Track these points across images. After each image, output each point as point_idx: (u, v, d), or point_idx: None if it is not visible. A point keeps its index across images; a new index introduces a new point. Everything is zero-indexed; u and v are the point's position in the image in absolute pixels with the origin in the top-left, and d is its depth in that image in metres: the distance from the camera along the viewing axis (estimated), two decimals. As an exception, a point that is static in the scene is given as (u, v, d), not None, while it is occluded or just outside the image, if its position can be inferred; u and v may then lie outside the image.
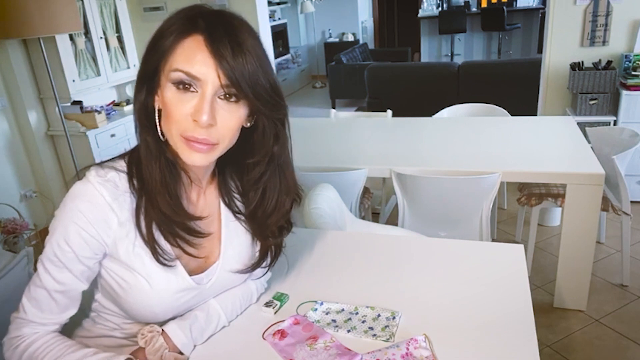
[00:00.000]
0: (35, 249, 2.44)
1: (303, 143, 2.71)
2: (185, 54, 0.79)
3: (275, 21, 7.09)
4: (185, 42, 0.79)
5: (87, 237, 0.84)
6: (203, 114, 0.78)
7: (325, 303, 1.09)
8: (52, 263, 0.86)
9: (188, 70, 0.78)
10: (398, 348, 0.93)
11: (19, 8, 2.57)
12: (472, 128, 2.70)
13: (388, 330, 0.98)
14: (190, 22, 0.80)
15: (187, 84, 0.79)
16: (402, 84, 5.10)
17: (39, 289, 0.88)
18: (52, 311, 0.89)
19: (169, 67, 0.80)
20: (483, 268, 1.19)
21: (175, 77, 0.79)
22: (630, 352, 1.99)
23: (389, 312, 1.04)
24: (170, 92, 0.80)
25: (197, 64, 0.78)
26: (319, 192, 1.65)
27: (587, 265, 2.14)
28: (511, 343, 0.93)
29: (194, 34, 0.79)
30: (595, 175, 1.99)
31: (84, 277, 0.89)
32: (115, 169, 0.88)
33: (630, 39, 3.16)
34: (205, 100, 0.78)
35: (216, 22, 0.80)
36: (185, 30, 0.79)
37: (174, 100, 0.80)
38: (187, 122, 0.80)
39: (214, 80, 0.78)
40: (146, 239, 0.88)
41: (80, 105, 3.29)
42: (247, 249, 1.03)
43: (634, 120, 2.97)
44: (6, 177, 3.16)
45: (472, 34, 7.68)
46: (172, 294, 0.92)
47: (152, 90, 0.85)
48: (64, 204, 0.85)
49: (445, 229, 2.23)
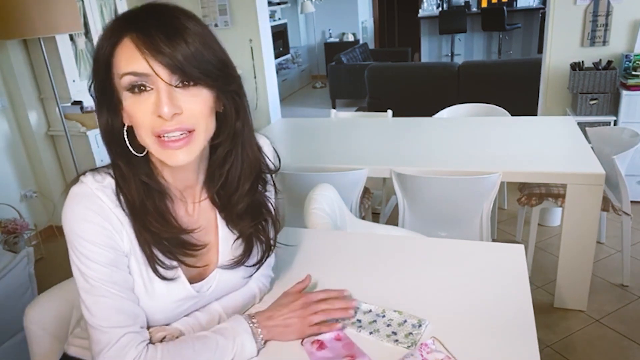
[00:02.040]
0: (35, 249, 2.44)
1: (303, 143, 2.71)
2: (124, 56, 0.78)
3: (275, 21, 7.09)
4: (120, 45, 0.78)
5: (102, 226, 0.83)
6: (163, 105, 0.77)
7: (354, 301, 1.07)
8: (90, 269, 0.83)
9: (133, 70, 0.77)
10: (413, 357, 0.92)
11: (19, 8, 2.57)
12: (473, 128, 2.70)
13: (411, 338, 0.96)
14: (119, 25, 0.79)
15: (140, 85, 0.78)
16: (402, 84, 5.10)
17: (101, 299, 0.83)
18: (131, 311, 0.86)
19: (117, 75, 0.79)
20: (483, 268, 1.19)
21: (126, 82, 0.78)
22: (631, 352, 1.99)
23: (415, 320, 1.01)
24: (128, 99, 0.79)
25: (137, 61, 0.76)
26: (319, 192, 1.65)
27: (587, 265, 2.14)
28: (511, 343, 0.93)
29: (126, 35, 0.78)
30: (596, 175, 1.99)
31: (123, 265, 0.86)
32: (111, 176, 0.86)
33: (630, 39, 3.16)
34: (161, 93, 0.77)
35: (144, 16, 0.79)
36: (116, 35, 0.79)
37: (134, 105, 0.79)
38: (154, 120, 0.79)
39: (161, 71, 0.77)
40: (146, 253, 0.86)
41: (80, 105, 3.29)
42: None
43: (634, 120, 2.96)
44: (6, 177, 3.16)
45: (473, 34, 7.68)
46: (173, 303, 0.91)
47: (114, 108, 0.83)
48: (65, 212, 0.83)
49: (446, 229, 2.23)
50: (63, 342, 1.10)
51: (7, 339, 1.94)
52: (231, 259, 0.98)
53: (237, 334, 0.90)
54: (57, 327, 1.14)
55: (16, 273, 2.02)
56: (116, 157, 0.86)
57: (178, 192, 0.93)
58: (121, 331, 0.83)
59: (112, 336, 0.82)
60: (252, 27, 3.83)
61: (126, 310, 0.85)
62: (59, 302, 1.15)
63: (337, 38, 8.20)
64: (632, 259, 2.46)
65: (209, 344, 0.87)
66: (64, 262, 0.88)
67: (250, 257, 1.00)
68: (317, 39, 8.30)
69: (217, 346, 0.87)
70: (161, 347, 0.85)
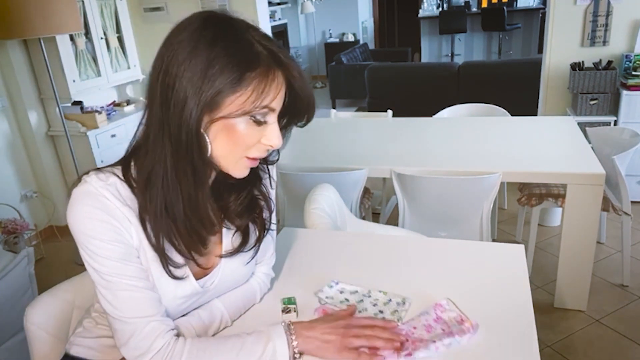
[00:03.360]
0: (35, 250, 2.44)
1: (303, 143, 2.71)
2: (273, 91, 0.81)
3: (275, 21, 7.09)
4: (269, 77, 0.80)
5: (109, 222, 0.82)
6: (278, 139, 0.84)
7: (341, 283, 1.14)
8: (103, 265, 0.83)
9: (274, 107, 0.82)
10: (428, 314, 1.00)
11: (20, 8, 2.57)
12: (473, 128, 2.70)
13: (397, 315, 1.02)
14: (270, 56, 0.81)
15: (264, 120, 0.83)
16: (402, 84, 5.10)
17: (119, 292, 0.83)
18: (152, 301, 0.86)
19: (254, 104, 0.79)
20: (483, 268, 1.19)
21: (262, 113, 0.81)
22: (631, 352, 1.99)
23: (400, 298, 1.07)
24: (245, 124, 0.82)
25: (278, 98, 0.82)
26: (319, 192, 1.65)
27: (587, 265, 2.14)
28: (512, 343, 0.93)
29: (276, 69, 0.81)
30: (596, 176, 1.99)
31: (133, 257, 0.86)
32: (115, 175, 0.86)
33: (630, 39, 3.16)
34: (278, 127, 0.85)
35: (281, 52, 0.83)
36: (269, 66, 0.80)
37: (249, 131, 0.82)
38: (258, 147, 0.85)
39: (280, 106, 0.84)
40: (156, 249, 0.86)
41: (80, 105, 3.29)
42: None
43: (635, 120, 2.97)
44: (6, 178, 3.16)
45: (473, 34, 7.68)
46: (178, 299, 0.92)
47: (209, 113, 0.80)
48: (70, 212, 0.82)
49: (446, 229, 2.23)
50: (63, 342, 1.10)
51: (7, 339, 1.94)
52: (231, 249, 0.99)
53: (270, 338, 0.89)
54: (57, 327, 1.14)
55: (16, 273, 2.02)
56: (184, 161, 0.82)
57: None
58: (145, 321, 0.84)
59: (137, 326, 0.84)
60: (252, 27, 3.83)
61: (146, 300, 0.85)
62: (59, 303, 1.15)
63: (337, 38, 8.20)
64: (632, 259, 2.46)
65: (235, 344, 0.87)
66: (64, 262, 0.88)
67: (247, 244, 1.01)
68: (317, 39, 8.30)
69: (242, 346, 0.87)
70: (190, 342, 0.86)
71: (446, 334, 0.93)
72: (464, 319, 0.97)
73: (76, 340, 1.02)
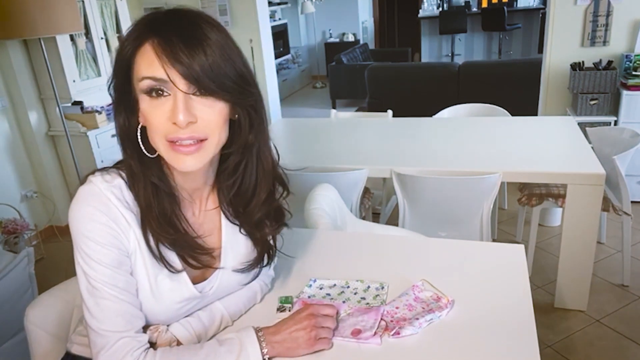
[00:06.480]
0: (35, 250, 2.44)
1: (303, 143, 2.72)
2: (144, 61, 0.78)
3: (275, 21, 7.09)
4: (142, 49, 0.79)
5: (109, 226, 0.83)
6: (179, 113, 0.77)
7: (318, 280, 1.17)
8: (93, 269, 0.83)
9: (152, 75, 0.78)
10: (407, 295, 1.08)
11: (20, 8, 2.57)
12: (473, 128, 2.70)
13: (379, 298, 1.08)
14: (144, 28, 0.79)
15: (158, 90, 0.79)
16: (402, 84, 5.10)
17: (102, 301, 0.83)
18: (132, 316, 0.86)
19: (137, 79, 0.80)
20: (483, 268, 1.19)
21: (144, 86, 0.79)
22: (631, 352, 1.99)
23: (377, 283, 1.13)
24: (145, 102, 0.80)
25: (156, 67, 0.77)
26: (319, 192, 1.65)
27: (587, 265, 2.14)
28: (512, 343, 0.93)
29: (147, 39, 0.78)
30: (596, 176, 1.99)
31: (125, 267, 0.86)
32: (121, 176, 0.87)
33: (630, 39, 3.16)
34: (178, 100, 0.78)
35: (167, 22, 0.79)
36: (139, 38, 0.79)
37: (150, 108, 0.80)
38: (168, 126, 0.79)
39: (178, 80, 0.77)
40: (154, 252, 0.87)
41: (80, 105, 3.29)
42: (246, 252, 1.02)
43: (635, 120, 2.96)
44: (7, 178, 3.16)
45: (473, 34, 7.68)
46: (176, 303, 0.92)
47: (131, 109, 0.84)
48: (72, 211, 0.83)
49: (446, 229, 2.23)
50: (63, 342, 1.10)
51: (8, 339, 1.94)
52: (245, 262, 1.00)
53: (243, 346, 0.89)
54: (57, 327, 1.14)
55: (16, 273, 2.02)
56: (129, 156, 0.87)
57: (187, 194, 0.94)
58: (117, 335, 0.83)
59: (109, 340, 0.83)
60: (253, 27, 3.83)
61: (125, 314, 0.85)
62: (59, 302, 1.15)
63: (338, 38, 8.20)
64: (632, 259, 2.46)
65: (208, 354, 0.86)
66: (64, 262, 0.89)
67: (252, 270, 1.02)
68: (317, 39, 8.30)
69: (215, 357, 0.86)
70: (160, 354, 0.85)
71: (426, 311, 1.02)
72: (440, 296, 1.06)
73: (77, 338, 1.03)
